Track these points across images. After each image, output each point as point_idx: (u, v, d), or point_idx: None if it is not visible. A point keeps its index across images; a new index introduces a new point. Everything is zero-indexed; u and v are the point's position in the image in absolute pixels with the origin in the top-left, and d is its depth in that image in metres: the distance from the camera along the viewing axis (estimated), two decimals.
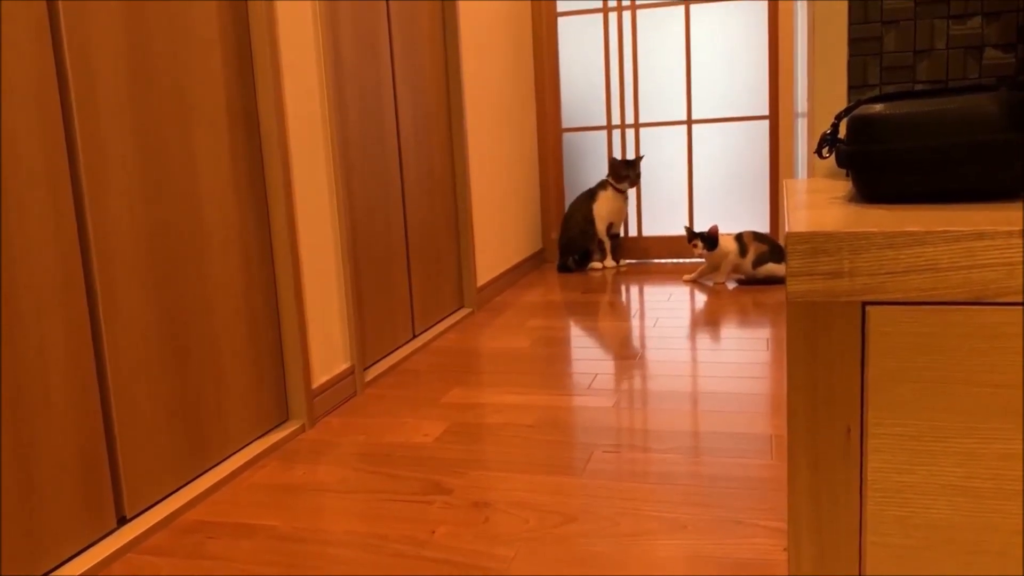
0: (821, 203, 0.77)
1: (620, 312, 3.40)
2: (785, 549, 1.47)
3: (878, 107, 0.73)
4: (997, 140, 0.67)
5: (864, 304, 0.61)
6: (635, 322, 3.22)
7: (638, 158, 4.26)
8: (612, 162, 4.22)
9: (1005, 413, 0.58)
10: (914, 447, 0.60)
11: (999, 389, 0.58)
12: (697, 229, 4.39)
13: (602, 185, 4.25)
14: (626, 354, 2.78)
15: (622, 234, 4.53)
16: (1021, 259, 0.56)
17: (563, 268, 4.37)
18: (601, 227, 4.26)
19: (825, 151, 0.81)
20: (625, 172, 4.18)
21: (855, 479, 0.63)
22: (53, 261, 1.50)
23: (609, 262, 4.32)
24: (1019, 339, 0.57)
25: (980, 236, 0.56)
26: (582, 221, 4.26)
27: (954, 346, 0.58)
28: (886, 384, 0.60)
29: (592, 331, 3.12)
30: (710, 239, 3.76)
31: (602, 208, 4.22)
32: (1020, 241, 0.55)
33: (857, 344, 0.62)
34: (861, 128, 0.73)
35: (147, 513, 1.72)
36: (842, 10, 1.05)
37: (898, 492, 0.61)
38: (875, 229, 0.58)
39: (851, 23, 1.05)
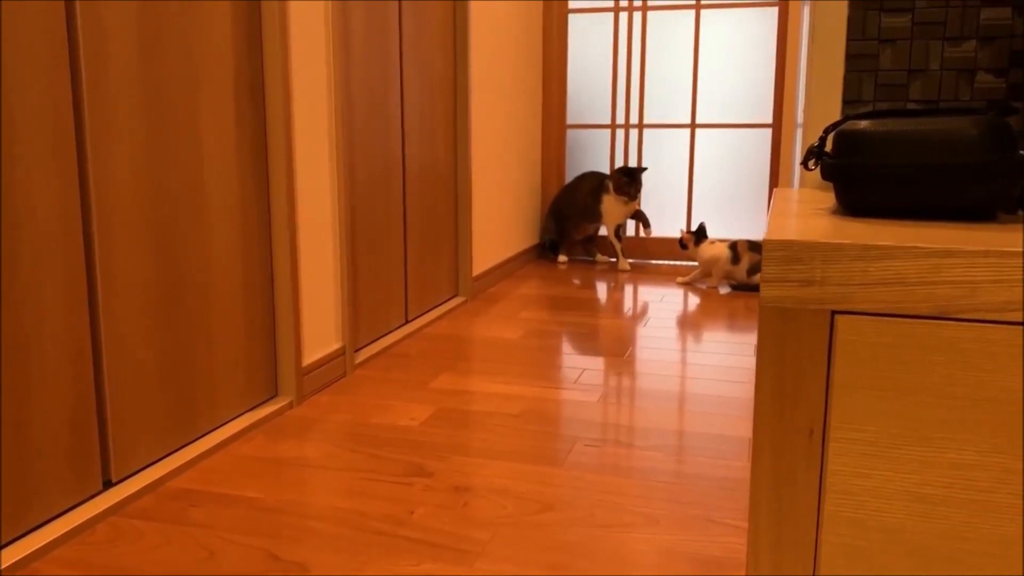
0: (803, 213, 0.79)
1: (612, 310, 3.43)
2: None
3: (863, 123, 0.75)
4: (972, 161, 0.69)
5: (833, 313, 0.63)
6: (626, 320, 3.24)
7: (640, 169, 4.14)
8: (615, 173, 4.13)
9: (959, 424, 0.61)
10: (872, 452, 0.63)
11: (955, 401, 0.61)
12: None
13: (605, 188, 4.17)
14: (615, 351, 2.81)
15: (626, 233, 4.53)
16: (983, 278, 0.58)
17: (553, 248, 4.45)
18: (610, 229, 4.24)
19: (811, 163, 0.84)
20: (627, 187, 4.08)
21: (815, 479, 0.66)
22: (54, 216, 1.52)
23: (624, 264, 4.29)
24: (976, 355, 0.60)
25: (947, 254, 0.59)
26: (584, 208, 4.25)
27: (915, 358, 0.61)
28: (849, 390, 0.63)
29: (583, 327, 3.14)
30: (699, 232, 3.84)
31: (608, 209, 4.18)
32: (983, 260, 0.58)
33: (824, 351, 0.64)
34: (845, 142, 0.76)
35: (133, 478, 1.75)
36: (841, 26, 1.07)
37: (855, 495, 0.64)
38: (848, 241, 0.61)
39: (849, 39, 1.07)
